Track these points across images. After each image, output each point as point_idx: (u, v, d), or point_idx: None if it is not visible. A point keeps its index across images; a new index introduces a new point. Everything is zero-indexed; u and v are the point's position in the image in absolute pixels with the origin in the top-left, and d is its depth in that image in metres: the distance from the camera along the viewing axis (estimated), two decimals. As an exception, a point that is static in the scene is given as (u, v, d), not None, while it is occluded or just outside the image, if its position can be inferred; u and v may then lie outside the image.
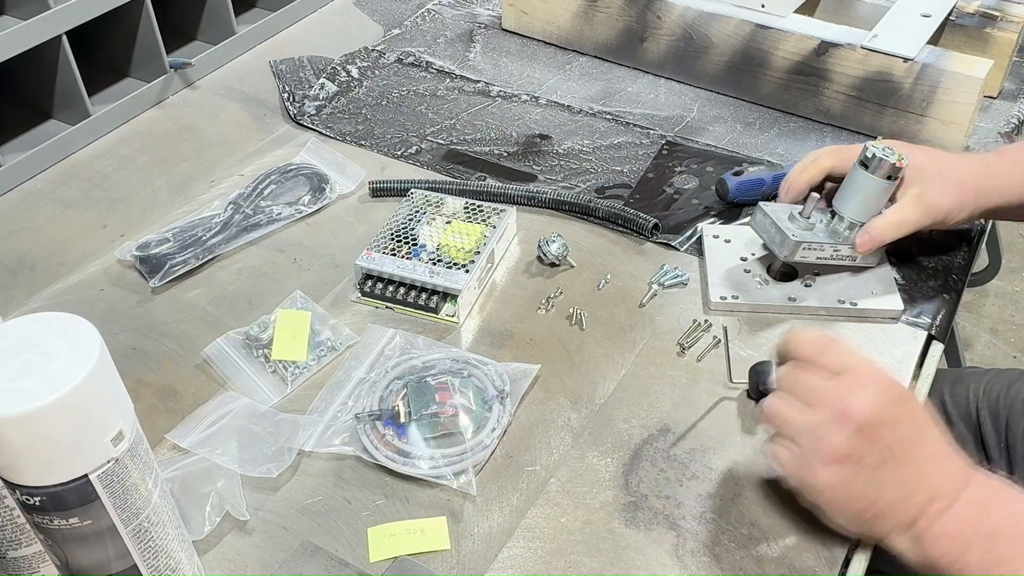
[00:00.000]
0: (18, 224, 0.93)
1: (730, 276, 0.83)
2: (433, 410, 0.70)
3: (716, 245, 0.86)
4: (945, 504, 0.59)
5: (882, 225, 0.78)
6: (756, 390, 0.68)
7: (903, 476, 0.59)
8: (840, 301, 0.80)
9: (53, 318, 0.49)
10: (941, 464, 0.60)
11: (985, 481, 0.60)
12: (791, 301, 0.80)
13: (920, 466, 0.59)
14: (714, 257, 0.85)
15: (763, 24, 1.03)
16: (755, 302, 0.81)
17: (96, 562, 0.51)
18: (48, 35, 0.95)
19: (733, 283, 0.82)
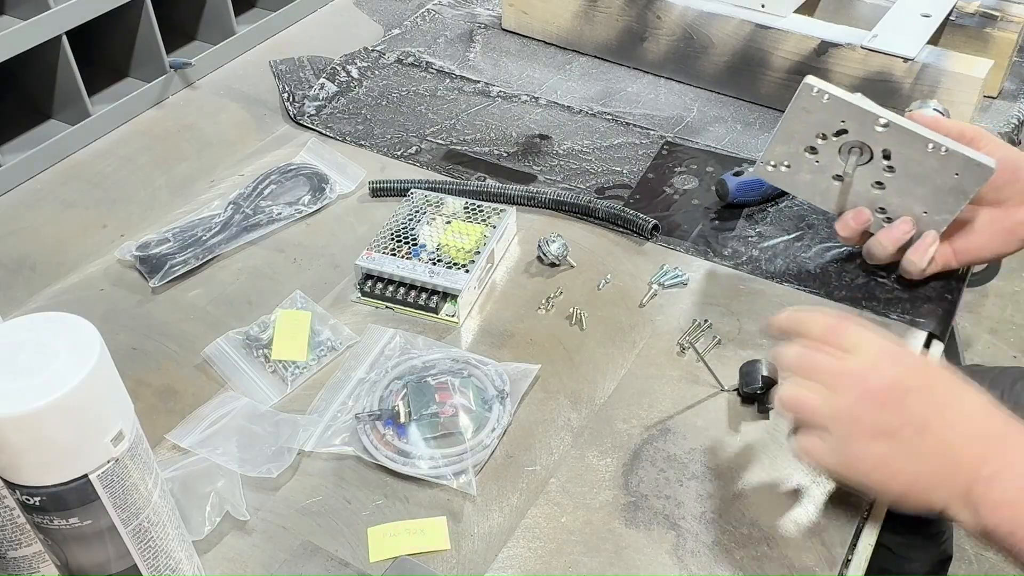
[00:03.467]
0: (18, 224, 0.93)
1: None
2: (433, 410, 0.70)
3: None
4: (995, 468, 0.56)
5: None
6: (745, 389, 0.68)
7: (945, 443, 0.58)
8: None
9: (53, 318, 0.49)
10: (982, 424, 0.58)
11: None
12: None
13: (960, 428, 0.58)
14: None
15: (763, 24, 1.03)
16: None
17: (96, 562, 0.51)
18: (48, 35, 0.95)
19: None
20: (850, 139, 0.71)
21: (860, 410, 0.58)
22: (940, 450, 0.58)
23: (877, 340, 0.60)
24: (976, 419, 0.59)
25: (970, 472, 0.57)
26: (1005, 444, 0.58)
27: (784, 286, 0.83)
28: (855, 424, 0.58)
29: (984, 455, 0.57)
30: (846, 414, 0.59)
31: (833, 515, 0.65)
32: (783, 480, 0.68)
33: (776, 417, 0.71)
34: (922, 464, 0.58)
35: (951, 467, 0.58)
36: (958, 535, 1.61)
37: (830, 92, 0.69)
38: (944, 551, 1.29)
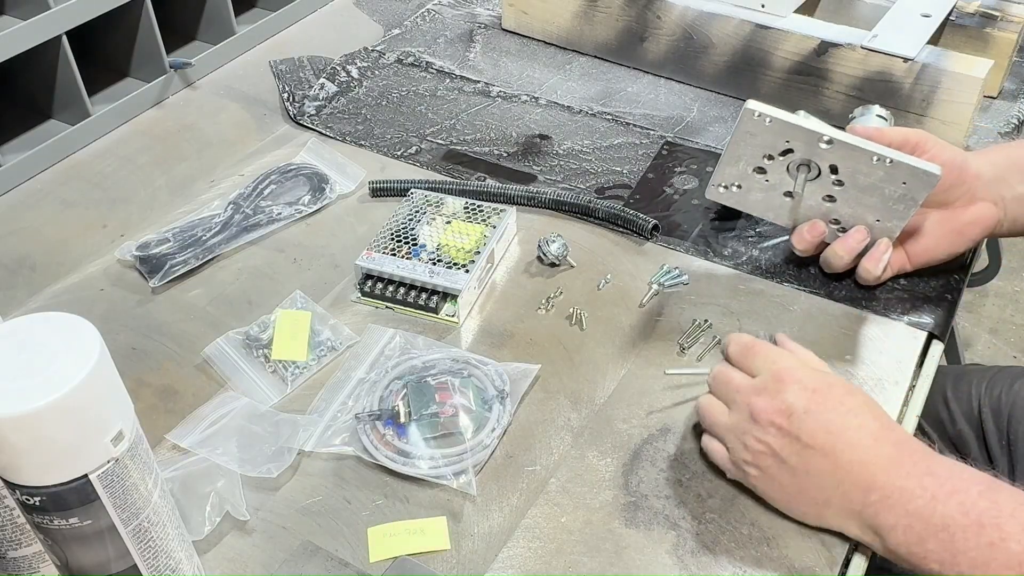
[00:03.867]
0: (18, 224, 0.93)
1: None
2: (433, 410, 0.70)
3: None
4: (883, 494, 0.58)
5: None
6: None
7: (828, 465, 0.60)
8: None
9: (53, 318, 0.49)
10: (868, 450, 0.59)
11: (930, 466, 0.58)
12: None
13: (845, 454, 0.60)
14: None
15: (763, 24, 1.03)
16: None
17: (96, 562, 0.51)
18: (48, 35, 0.95)
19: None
20: (796, 157, 0.72)
21: (746, 430, 0.63)
22: (827, 471, 0.60)
23: (779, 364, 0.64)
24: (865, 445, 0.60)
25: (857, 496, 0.60)
26: (894, 469, 0.59)
27: (784, 286, 0.83)
28: (739, 441, 0.63)
29: (871, 481, 0.59)
30: (734, 430, 0.64)
31: (833, 515, 0.65)
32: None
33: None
34: (808, 483, 0.61)
35: (835, 489, 0.60)
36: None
37: (772, 115, 0.71)
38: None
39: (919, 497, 0.57)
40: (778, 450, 0.61)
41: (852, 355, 0.76)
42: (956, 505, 0.56)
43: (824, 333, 0.79)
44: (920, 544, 0.57)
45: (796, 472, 0.61)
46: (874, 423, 0.61)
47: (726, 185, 0.76)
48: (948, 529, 0.56)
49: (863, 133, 0.74)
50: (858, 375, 0.75)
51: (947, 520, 0.56)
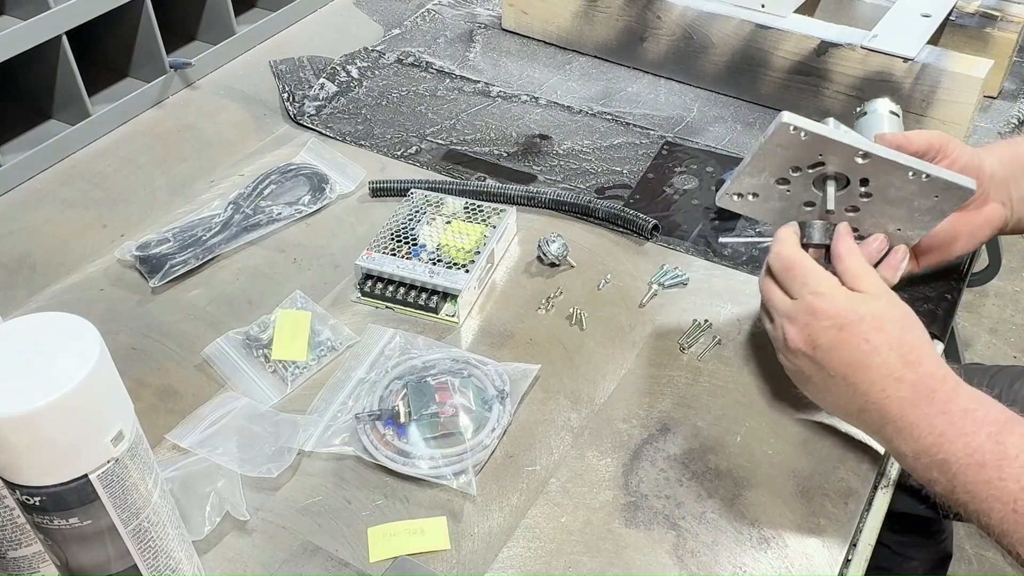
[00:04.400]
0: (18, 224, 0.93)
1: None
2: (433, 410, 0.70)
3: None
4: (897, 427, 0.62)
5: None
6: None
7: (849, 393, 0.64)
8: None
9: (53, 318, 0.49)
10: (885, 388, 0.62)
11: (946, 406, 0.61)
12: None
13: (864, 387, 0.63)
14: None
15: (763, 24, 1.03)
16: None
17: (96, 562, 0.51)
18: (48, 35, 0.95)
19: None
20: (826, 170, 0.72)
21: (779, 347, 0.69)
22: (847, 396, 0.65)
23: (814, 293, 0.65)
24: (881, 384, 0.63)
25: (874, 423, 0.64)
26: (908, 407, 0.62)
27: (784, 286, 0.83)
28: (779, 352, 0.69)
29: (887, 415, 0.63)
30: (775, 341, 0.69)
31: (833, 514, 0.66)
32: (783, 480, 0.68)
33: (780, 414, 0.72)
34: (834, 400, 0.66)
35: (858, 411, 0.65)
36: (958, 535, 1.61)
37: (808, 129, 0.69)
38: (943, 550, 1.29)
39: (928, 434, 0.60)
40: (806, 371, 0.67)
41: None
42: (962, 446, 0.59)
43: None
44: (926, 471, 0.61)
45: (821, 390, 0.67)
46: (897, 361, 0.63)
47: (741, 194, 0.75)
48: (950, 465, 0.60)
49: (892, 142, 0.72)
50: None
51: (950, 457, 0.60)
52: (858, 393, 0.64)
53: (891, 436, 0.63)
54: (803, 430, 0.71)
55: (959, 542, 1.60)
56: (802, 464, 0.69)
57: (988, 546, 1.62)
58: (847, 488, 0.67)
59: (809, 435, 0.71)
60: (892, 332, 0.64)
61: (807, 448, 0.70)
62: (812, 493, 0.67)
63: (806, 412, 0.72)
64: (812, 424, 0.72)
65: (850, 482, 0.68)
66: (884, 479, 0.69)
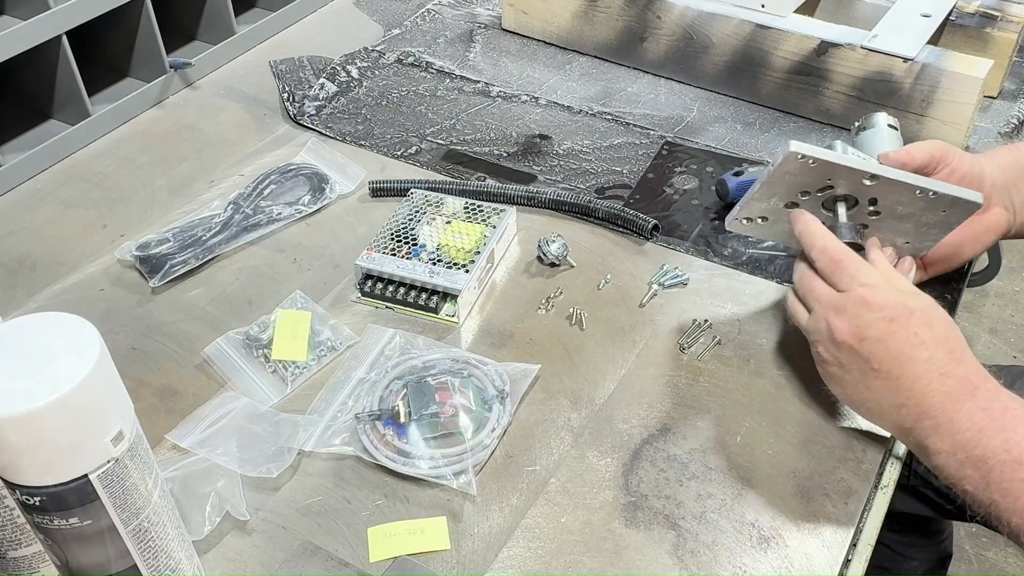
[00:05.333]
0: (18, 224, 0.93)
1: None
2: (433, 410, 0.70)
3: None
4: (935, 422, 0.62)
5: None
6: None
7: (890, 387, 0.64)
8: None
9: (53, 318, 0.49)
10: (930, 383, 0.62)
11: (987, 403, 0.61)
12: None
13: (907, 382, 0.63)
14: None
15: (763, 24, 1.03)
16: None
17: (96, 562, 0.51)
18: (48, 35, 0.95)
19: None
20: (835, 192, 0.72)
21: (819, 338, 0.68)
22: (887, 391, 0.64)
23: (865, 285, 0.65)
24: (927, 378, 0.63)
25: (911, 419, 0.63)
26: (951, 402, 0.62)
27: (784, 286, 0.83)
28: (816, 345, 0.68)
29: (926, 410, 0.62)
30: (812, 334, 0.69)
31: (833, 514, 0.66)
32: (783, 480, 0.68)
33: (776, 420, 0.72)
34: (870, 395, 0.65)
35: (895, 408, 0.64)
36: (958, 535, 1.61)
37: (816, 156, 0.69)
38: (943, 550, 1.29)
39: (967, 430, 0.60)
40: (845, 365, 0.66)
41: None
42: (1000, 442, 0.59)
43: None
44: (959, 469, 0.61)
45: (858, 386, 0.66)
46: (944, 357, 0.63)
47: (750, 218, 0.76)
48: (987, 461, 0.59)
49: (896, 160, 0.73)
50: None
51: (988, 453, 0.59)
52: (901, 388, 0.63)
53: (927, 432, 0.62)
54: (803, 430, 0.71)
55: (959, 542, 1.60)
56: (802, 464, 0.69)
57: (988, 546, 1.62)
58: (847, 488, 0.67)
59: (809, 435, 0.71)
60: (939, 328, 0.64)
61: (807, 448, 0.70)
62: (812, 493, 0.67)
63: (807, 411, 0.72)
64: (812, 424, 0.72)
65: (850, 482, 0.68)
66: (884, 479, 0.69)
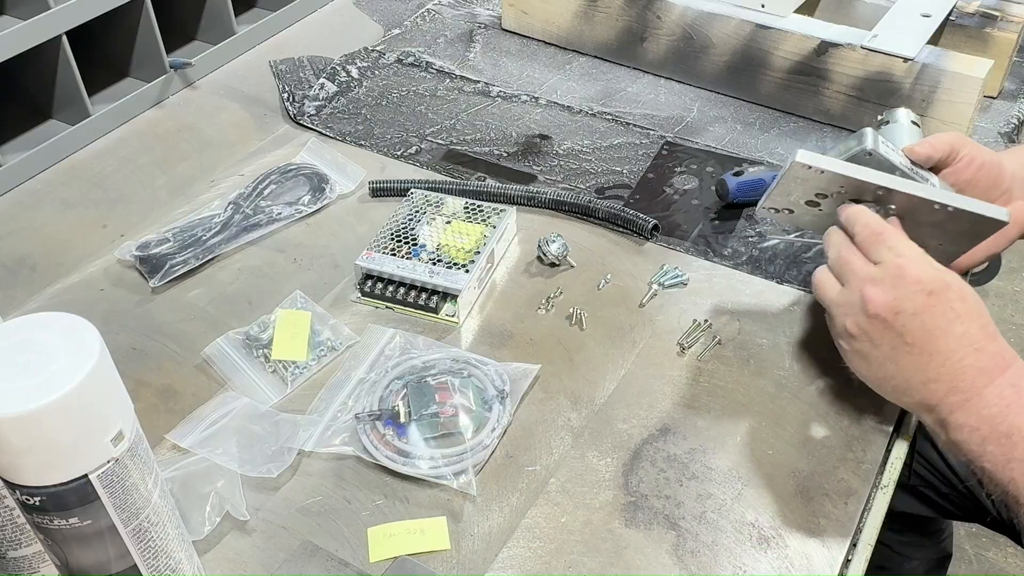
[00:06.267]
0: (18, 224, 0.93)
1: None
2: (433, 410, 0.70)
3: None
4: (963, 397, 0.62)
5: None
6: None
7: (922, 363, 0.63)
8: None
9: (53, 318, 0.49)
10: (964, 358, 0.62)
11: (1017, 380, 0.61)
12: None
13: (938, 357, 0.63)
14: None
15: (763, 24, 1.03)
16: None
17: (96, 562, 0.51)
18: (48, 35, 0.95)
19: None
20: (852, 195, 0.71)
21: (850, 311, 0.66)
22: (916, 367, 0.64)
23: (901, 257, 0.64)
24: (960, 353, 0.62)
25: (939, 394, 0.63)
26: (981, 377, 0.62)
27: (784, 286, 0.84)
28: (842, 319, 0.66)
29: (956, 385, 0.62)
30: (843, 307, 0.66)
31: (833, 514, 0.66)
32: (783, 480, 0.68)
33: (774, 421, 0.72)
34: (897, 371, 0.65)
35: (922, 384, 0.64)
36: (958, 535, 1.61)
37: (823, 167, 0.69)
38: (943, 549, 1.29)
39: (995, 405, 0.61)
40: (876, 339, 0.64)
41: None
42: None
43: (825, 333, 0.78)
44: (981, 445, 0.61)
45: (887, 362, 0.65)
46: (978, 332, 0.63)
47: (777, 208, 0.75)
48: (1011, 437, 0.60)
49: (920, 154, 0.72)
50: (858, 375, 0.75)
51: (1012, 429, 0.60)
52: (933, 363, 0.63)
53: (952, 408, 0.62)
54: (803, 430, 0.71)
55: (959, 542, 1.60)
56: (802, 464, 0.69)
57: (988, 546, 1.62)
58: (847, 488, 0.67)
59: (809, 435, 0.71)
60: (972, 304, 0.64)
61: (807, 448, 0.70)
62: (812, 493, 0.67)
63: (807, 411, 0.72)
64: (812, 424, 0.72)
65: (850, 482, 0.68)
66: (884, 479, 0.69)
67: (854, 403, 0.73)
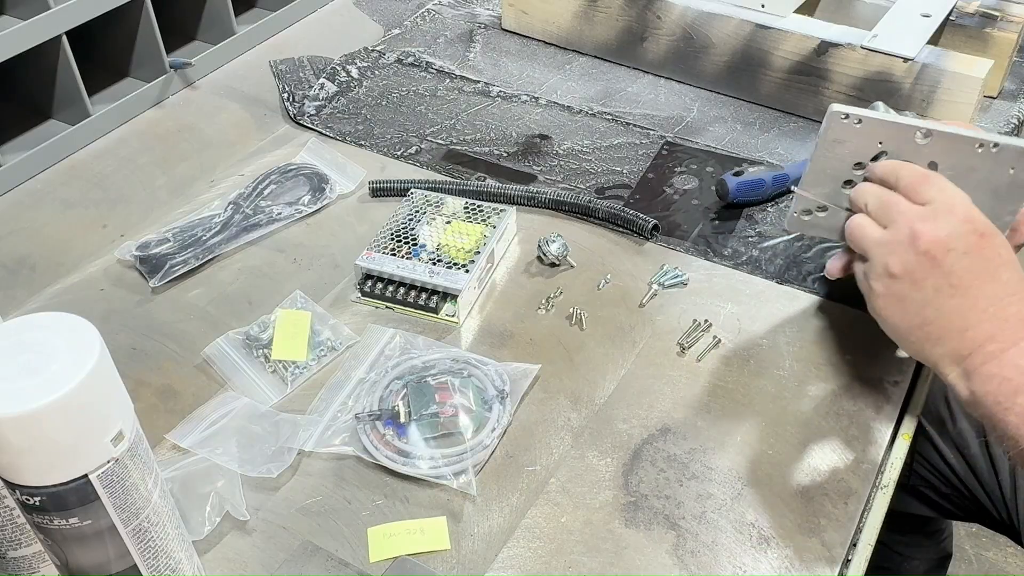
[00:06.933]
0: (18, 224, 0.93)
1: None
2: (433, 410, 0.70)
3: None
4: (1001, 346, 0.60)
5: None
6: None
7: (963, 307, 0.61)
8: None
9: (53, 318, 0.49)
10: (1006, 305, 0.61)
11: None
12: None
13: (983, 302, 0.61)
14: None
15: (763, 24, 1.03)
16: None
17: (96, 562, 0.51)
18: (48, 35, 0.95)
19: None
20: (893, 155, 0.68)
21: (896, 248, 0.63)
22: (958, 311, 0.62)
23: (951, 198, 0.63)
24: (1005, 301, 0.61)
25: (975, 342, 0.61)
26: (1022, 327, 0.60)
27: (784, 286, 0.84)
28: (885, 257, 0.64)
29: (996, 333, 0.61)
30: (887, 245, 0.64)
31: (833, 514, 0.66)
32: (783, 480, 0.68)
33: (775, 424, 0.72)
34: (935, 316, 0.62)
35: (960, 331, 0.62)
36: (958, 535, 1.61)
37: (862, 115, 0.66)
38: (943, 549, 1.29)
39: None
40: (920, 279, 0.62)
41: (852, 355, 0.76)
42: None
43: (824, 333, 0.79)
44: (1009, 397, 0.59)
45: (926, 305, 0.62)
46: (1019, 281, 0.61)
47: (809, 211, 0.72)
48: None
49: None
50: (859, 374, 0.75)
51: None
52: (976, 307, 0.61)
53: (987, 358, 0.60)
54: (803, 430, 0.71)
55: (959, 542, 1.60)
56: (802, 464, 0.69)
57: (988, 546, 1.62)
58: (847, 488, 0.67)
59: (809, 435, 0.71)
60: (1013, 254, 0.63)
61: (807, 448, 0.70)
62: (812, 493, 0.67)
63: (807, 411, 0.72)
64: (812, 424, 0.72)
65: (850, 482, 0.68)
66: (884, 479, 0.69)
67: (854, 403, 0.73)
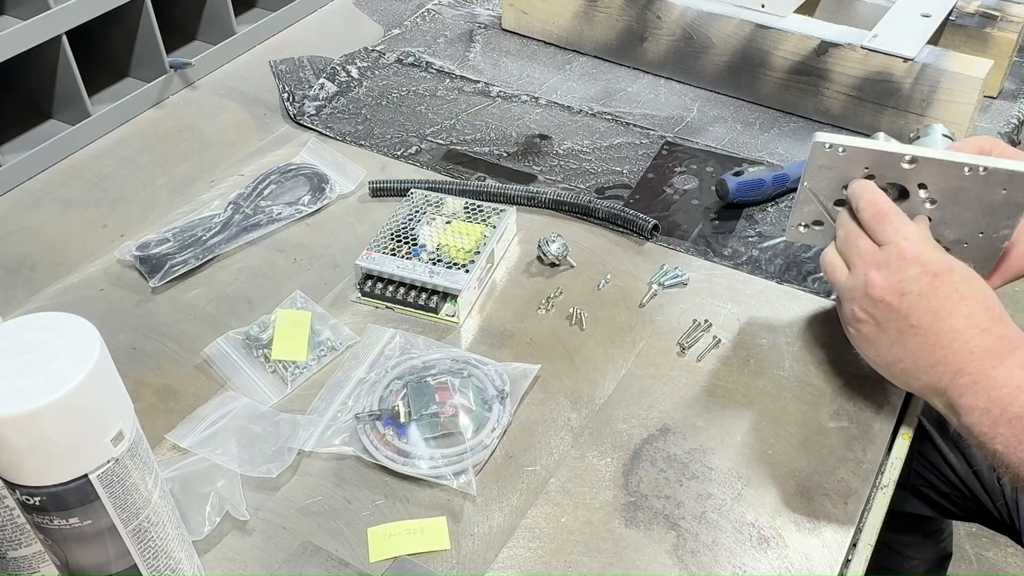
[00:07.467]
0: (18, 224, 0.93)
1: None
2: (433, 410, 0.70)
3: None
4: (972, 378, 0.61)
5: None
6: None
7: (927, 345, 0.63)
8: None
9: (53, 318, 0.49)
10: (970, 339, 0.62)
11: (1023, 360, 0.61)
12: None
13: (945, 338, 0.63)
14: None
15: (763, 24, 1.03)
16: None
17: (96, 562, 0.51)
18: (48, 35, 0.95)
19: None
20: (880, 182, 0.68)
21: (855, 295, 0.66)
22: (924, 348, 0.64)
23: (904, 239, 0.64)
24: (967, 334, 0.62)
25: (947, 377, 0.63)
26: (990, 359, 0.61)
27: (784, 286, 0.84)
28: (852, 303, 0.66)
29: (965, 366, 0.62)
30: (849, 292, 0.67)
31: (833, 514, 0.66)
32: (783, 480, 0.68)
33: (771, 422, 0.72)
34: (904, 354, 0.65)
35: (930, 366, 0.64)
36: (958, 535, 1.61)
37: (845, 144, 0.67)
38: (943, 549, 1.29)
39: (1004, 386, 0.60)
40: (883, 322, 0.65)
41: (852, 355, 0.76)
42: None
43: (825, 333, 0.79)
44: (992, 427, 0.61)
45: (894, 345, 0.65)
46: (983, 314, 0.63)
47: (806, 224, 0.73)
48: (1022, 419, 0.59)
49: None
50: (859, 374, 0.75)
51: (1023, 411, 0.59)
52: (939, 344, 0.63)
53: (962, 390, 0.62)
54: (803, 430, 0.71)
55: (959, 542, 1.60)
56: (802, 464, 0.69)
57: (988, 546, 1.62)
58: (847, 488, 0.67)
59: (809, 435, 0.71)
60: (978, 287, 0.64)
61: (807, 448, 0.70)
62: (812, 493, 0.67)
63: (807, 411, 0.72)
64: (812, 424, 0.72)
65: (850, 482, 0.68)
66: (884, 479, 0.69)
67: (854, 403, 0.73)
